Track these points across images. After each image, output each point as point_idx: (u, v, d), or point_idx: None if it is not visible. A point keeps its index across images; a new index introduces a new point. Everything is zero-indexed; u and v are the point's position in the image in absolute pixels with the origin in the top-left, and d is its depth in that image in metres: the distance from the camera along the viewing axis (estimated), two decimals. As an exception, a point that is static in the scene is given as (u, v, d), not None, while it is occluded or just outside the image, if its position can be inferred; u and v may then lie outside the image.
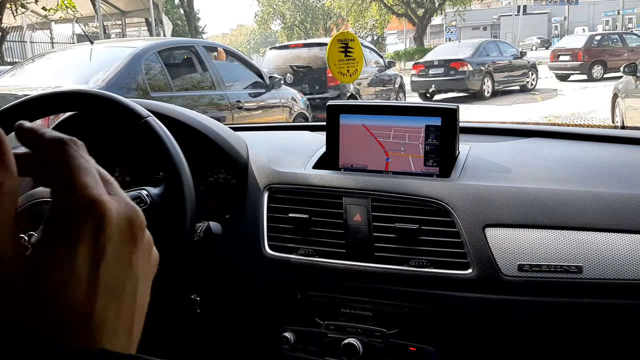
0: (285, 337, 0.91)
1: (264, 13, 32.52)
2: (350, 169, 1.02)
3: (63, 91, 0.75)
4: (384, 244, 0.88)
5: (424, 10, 21.90)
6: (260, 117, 4.47)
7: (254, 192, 0.99)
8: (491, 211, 0.85)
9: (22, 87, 3.22)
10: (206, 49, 4.28)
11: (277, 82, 4.68)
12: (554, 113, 7.07)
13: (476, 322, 0.84)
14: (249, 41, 51.64)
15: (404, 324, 0.86)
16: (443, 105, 0.99)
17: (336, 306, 0.91)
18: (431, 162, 0.98)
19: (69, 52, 4.11)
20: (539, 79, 11.30)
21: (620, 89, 5.05)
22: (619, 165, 0.94)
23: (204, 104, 3.94)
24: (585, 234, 0.81)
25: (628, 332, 0.80)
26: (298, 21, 32.01)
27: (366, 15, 25.34)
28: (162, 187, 0.74)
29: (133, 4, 13.32)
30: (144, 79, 3.49)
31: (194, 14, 22.00)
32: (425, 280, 0.85)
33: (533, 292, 0.80)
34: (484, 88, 9.67)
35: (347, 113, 1.02)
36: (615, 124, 5.13)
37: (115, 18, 14.34)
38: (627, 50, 12.14)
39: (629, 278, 0.77)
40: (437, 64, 9.81)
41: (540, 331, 0.82)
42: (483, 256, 0.82)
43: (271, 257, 0.93)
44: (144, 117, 0.72)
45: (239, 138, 1.06)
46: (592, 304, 0.79)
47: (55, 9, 9.67)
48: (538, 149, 1.04)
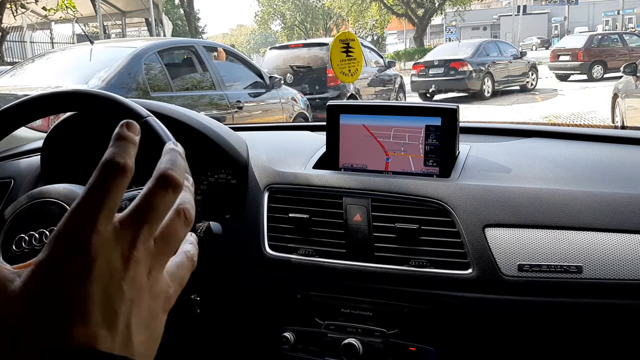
0: (285, 337, 0.91)
1: (264, 13, 32.53)
2: (351, 169, 1.02)
3: (63, 91, 0.75)
4: (384, 244, 0.88)
5: (424, 10, 21.90)
6: (260, 117, 4.47)
7: (254, 192, 0.99)
8: (491, 211, 0.85)
9: (22, 87, 3.21)
10: (206, 49, 4.28)
11: (277, 82, 4.67)
12: (554, 113, 7.07)
13: (476, 322, 0.84)
14: (249, 41, 51.64)
15: (404, 324, 0.86)
16: (443, 105, 0.99)
17: (336, 306, 0.91)
18: (431, 162, 0.98)
19: (69, 52, 4.11)
20: (539, 79, 11.31)
21: (620, 89, 5.05)
22: (619, 165, 0.94)
23: (204, 104, 3.94)
24: (585, 234, 0.81)
25: (628, 332, 0.80)
26: (298, 21, 32.00)
27: (366, 15, 25.34)
28: None
29: (133, 4, 13.32)
30: (144, 79, 3.49)
31: (194, 14, 22.00)
32: (425, 280, 0.85)
33: (533, 292, 0.80)
34: (484, 88, 9.67)
35: (347, 113, 1.02)
36: (615, 124, 5.13)
37: (115, 18, 14.34)
38: (627, 50, 12.14)
39: (629, 278, 0.77)
40: (437, 64, 9.81)
41: (540, 331, 0.82)
42: (483, 256, 0.82)
43: (271, 257, 0.93)
44: (143, 116, 0.72)
45: (239, 138, 1.06)
46: (592, 304, 0.79)
47: (55, 9, 9.67)
48: (538, 149, 1.04)
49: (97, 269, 0.28)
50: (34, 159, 1.08)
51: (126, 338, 0.29)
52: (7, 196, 1.00)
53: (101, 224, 0.29)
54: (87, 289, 0.28)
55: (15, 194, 0.98)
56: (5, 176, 1.04)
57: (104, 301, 0.28)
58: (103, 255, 0.28)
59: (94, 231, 0.28)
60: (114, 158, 0.30)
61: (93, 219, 0.28)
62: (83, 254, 0.28)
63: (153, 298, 0.31)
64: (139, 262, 0.30)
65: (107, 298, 0.28)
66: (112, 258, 0.29)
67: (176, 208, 0.33)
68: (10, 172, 1.06)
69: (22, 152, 1.14)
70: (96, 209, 0.29)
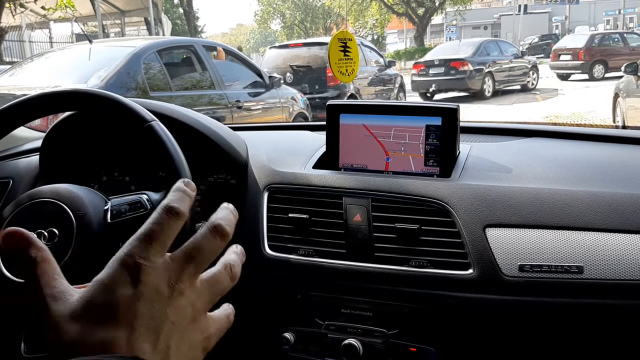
0: (285, 337, 0.91)
1: (263, 12, 32.51)
2: (351, 169, 1.02)
3: (65, 90, 0.74)
4: (384, 244, 0.88)
5: (424, 10, 21.90)
6: (260, 117, 4.47)
7: (253, 192, 0.98)
8: (492, 211, 0.85)
9: (21, 86, 3.21)
10: (205, 48, 4.28)
11: (276, 82, 4.67)
12: (554, 113, 7.07)
13: (477, 323, 0.83)
14: (248, 40, 51.61)
15: (404, 324, 0.86)
16: (443, 105, 0.98)
17: (336, 306, 0.90)
18: (431, 162, 0.98)
19: (68, 51, 4.11)
20: (539, 78, 11.30)
21: (621, 88, 5.05)
22: (620, 165, 0.94)
23: (203, 104, 3.94)
24: (586, 234, 0.80)
25: (629, 333, 0.80)
26: (298, 20, 31.99)
27: (366, 14, 25.34)
28: (162, 194, 0.73)
29: (132, 3, 13.31)
30: (143, 78, 3.48)
31: (193, 13, 21.98)
32: (426, 281, 0.84)
33: (534, 292, 0.80)
34: (484, 88, 9.67)
35: (347, 113, 1.02)
36: (616, 124, 5.13)
37: (114, 17, 14.34)
38: (628, 49, 12.14)
39: (630, 278, 0.77)
40: (437, 64, 9.81)
41: (541, 331, 0.81)
42: (484, 256, 0.82)
43: (271, 257, 0.93)
44: (148, 120, 0.71)
45: (239, 138, 1.06)
46: (593, 304, 0.79)
47: (54, 8, 9.67)
48: (539, 148, 1.04)
49: (145, 292, 0.33)
50: (32, 158, 1.07)
51: (165, 356, 0.33)
52: (6, 196, 1.00)
53: (153, 254, 0.34)
54: (136, 307, 0.33)
55: (14, 194, 0.97)
56: (3, 176, 1.04)
57: (149, 319, 0.33)
58: (152, 282, 0.34)
59: (147, 259, 0.34)
60: (173, 204, 0.36)
61: (148, 249, 0.34)
62: (135, 277, 0.33)
63: (194, 330, 0.36)
64: (183, 293, 0.35)
65: (151, 317, 0.33)
66: (160, 285, 0.34)
67: (225, 262, 0.39)
68: (9, 172, 1.05)
69: (21, 152, 1.14)
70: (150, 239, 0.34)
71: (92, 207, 0.69)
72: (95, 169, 1.03)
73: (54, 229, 0.66)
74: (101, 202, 0.71)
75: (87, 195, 0.71)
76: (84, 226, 0.67)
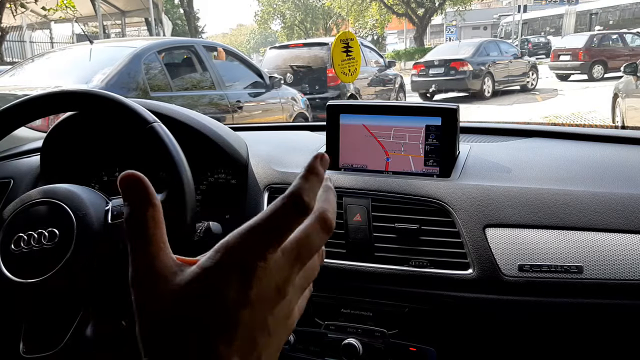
0: (285, 337, 0.91)
1: (263, 13, 32.50)
2: (351, 169, 1.02)
3: (66, 91, 0.74)
4: (384, 244, 0.88)
5: (424, 10, 21.90)
6: (260, 117, 4.47)
7: (254, 192, 0.98)
8: (491, 211, 0.85)
9: (22, 87, 3.21)
10: (206, 48, 4.28)
11: (277, 82, 4.67)
12: (554, 113, 7.07)
13: (476, 323, 0.84)
14: (248, 41, 51.61)
15: (404, 324, 0.86)
16: (443, 105, 0.98)
17: (336, 306, 0.90)
18: (431, 162, 0.98)
19: (69, 51, 4.10)
20: (539, 78, 11.30)
21: (621, 88, 5.05)
22: (619, 165, 0.94)
23: (203, 104, 3.94)
24: (586, 234, 0.81)
25: (629, 333, 0.80)
26: (298, 21, 31.99)
27: (366, 14, 25.32)
28: (163, 195, 0.74)
29: (133, 4, 13.31)
30: (143, 78, 3.48)
31: (194, 14, 21.99)
32: (426, 281, 0.84)
33: (533, 292, 0.80)
34: (484, 88, 9.67)
35: (347, 113, 1.02)
36: (615, 124, 5.13)
37: (114, 18, 14.33)
38: (627, 50, 12.14)
39: (630, 278, 0.77)
40: (437, 64, 9.81)
41: (540, 331, 0.82)
42: (483, 256, 0.82)
43: (271, 257, 0.93)
44: (150, 122, 0.71)
45: (239, 138, 1.06)
46: (593, 304, 0.79)
47: (55, 8, 9.67)
48: (538, 149, 1.04)
49: (252, 295, 0.29)
50: (33, 158, 1.07)
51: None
52: (7, 196, 1.00)
53: (270, 252, 0.29)
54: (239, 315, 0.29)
55: (15, 194, 0.98)
56: (4, 176, 1.04)
57: (249, 330, 0.29)
58: (262, 284, 0.29)
59: (262, 258, 0.29)
60: (303, 195, 0.30)
61: (266, 246, 0.29)
62: (245, 277, 0.29)
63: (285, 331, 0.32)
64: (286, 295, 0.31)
65: (252, 327, 0.29)
66: (268, 288, 0.30)
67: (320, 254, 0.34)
68: (10, 172, 1.05)
69: (22, 152, 1.14)
70: (271, 237, 0.29)
71: (92, 207, 0.69)
72: (96, 169, 1.03)
73: (54, 229, 0.66)
74: (102, 203, 0.71)
75: (87, 196, 0.71)
76: (85, 226, 0.67)
